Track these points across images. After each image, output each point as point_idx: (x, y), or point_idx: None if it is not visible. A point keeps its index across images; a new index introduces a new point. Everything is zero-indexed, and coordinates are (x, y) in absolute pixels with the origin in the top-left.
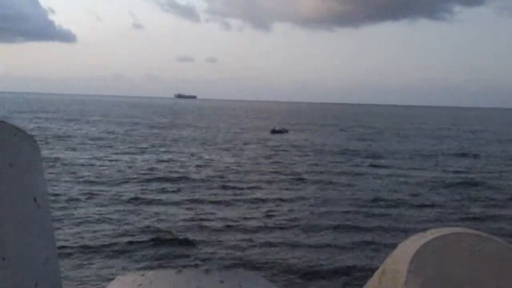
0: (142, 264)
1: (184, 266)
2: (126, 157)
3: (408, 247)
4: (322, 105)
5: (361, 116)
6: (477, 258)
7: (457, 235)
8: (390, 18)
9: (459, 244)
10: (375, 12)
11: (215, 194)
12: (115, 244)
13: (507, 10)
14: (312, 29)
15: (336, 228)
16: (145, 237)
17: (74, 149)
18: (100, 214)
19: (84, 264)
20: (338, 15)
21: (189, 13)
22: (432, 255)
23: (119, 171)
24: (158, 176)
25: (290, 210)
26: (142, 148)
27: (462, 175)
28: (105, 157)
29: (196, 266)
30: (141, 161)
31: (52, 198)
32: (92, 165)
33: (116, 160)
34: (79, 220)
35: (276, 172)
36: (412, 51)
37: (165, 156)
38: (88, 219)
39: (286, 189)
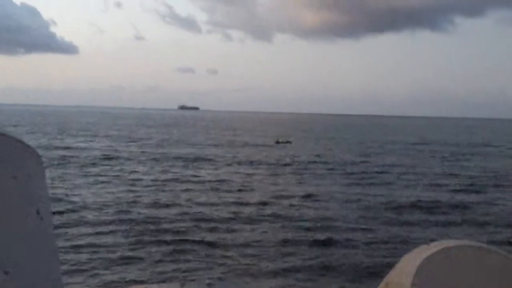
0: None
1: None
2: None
3: (412, 260)
4: (323, 116)
5: (364, 127)
6: (482, 271)
7: (461, 247)
8: (391, 29)
9: (463, 257)
10: (376, 24)
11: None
12: (118, 254)
13: (508, 20)
14: (312, 40)
15: (339, 236)
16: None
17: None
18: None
19: (88, 275)
20: (339, 26)
21: (190, 24)
22: (436, 268)
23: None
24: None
25: (284, 226)
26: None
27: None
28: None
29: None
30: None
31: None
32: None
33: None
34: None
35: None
36: (414, 62)
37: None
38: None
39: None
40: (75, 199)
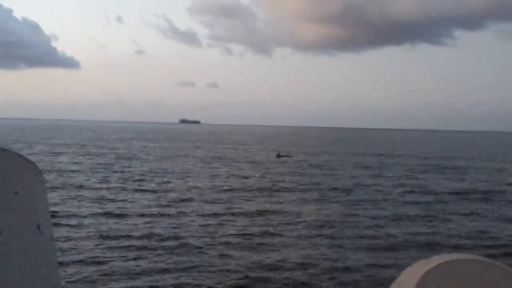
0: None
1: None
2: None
3: (412, 273)
4: (324, 130)
5: (368, 141)
6: (483, 285)
7: (461, 261)
8: (391, 42)
9: (464, 270)
10: (376, 37)
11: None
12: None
13: (507, 33)
14: (312, 54)
15: (340, 249)
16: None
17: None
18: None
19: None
20: (338, 40)
21: (191, 39)
22: (436, 282)
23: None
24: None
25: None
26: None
27: None
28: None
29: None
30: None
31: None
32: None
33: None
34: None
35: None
36: (414, 75)
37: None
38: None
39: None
40: (75, 211)
